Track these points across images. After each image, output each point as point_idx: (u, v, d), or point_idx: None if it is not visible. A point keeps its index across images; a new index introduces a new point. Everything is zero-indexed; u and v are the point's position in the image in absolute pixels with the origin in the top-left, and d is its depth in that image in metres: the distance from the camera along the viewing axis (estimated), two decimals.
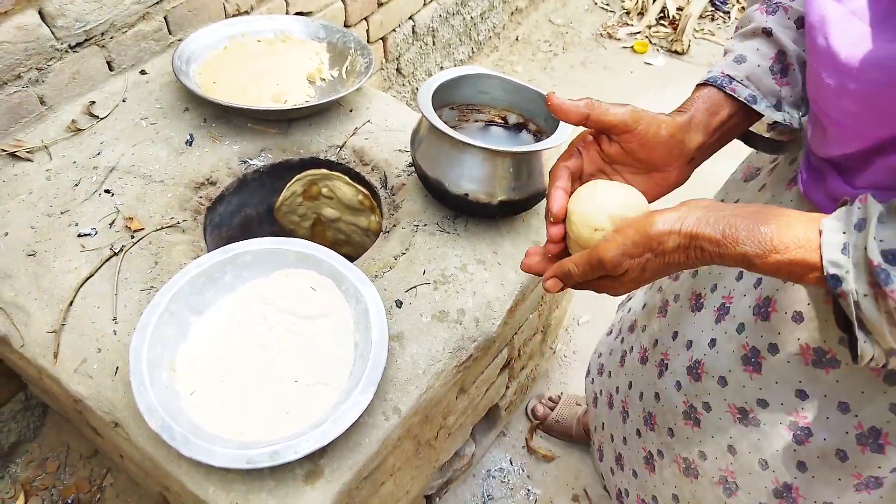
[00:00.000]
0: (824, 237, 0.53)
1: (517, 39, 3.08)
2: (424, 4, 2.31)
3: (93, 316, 1.02)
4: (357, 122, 1.37)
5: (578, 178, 0.71)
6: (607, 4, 3.40)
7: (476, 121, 1.29)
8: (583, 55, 3.09)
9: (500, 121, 1.28)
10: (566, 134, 1.07)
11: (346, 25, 1.97)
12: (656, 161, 0.68)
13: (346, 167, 1.32)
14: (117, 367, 0.97)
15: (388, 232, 1.19)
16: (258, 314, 1.00)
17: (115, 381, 0.96)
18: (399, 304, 1.06)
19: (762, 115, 0.72)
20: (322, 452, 0.90)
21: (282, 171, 1.33)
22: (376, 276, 1.10)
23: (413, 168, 1.26)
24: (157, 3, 1.39)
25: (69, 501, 1.41)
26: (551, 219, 0.66)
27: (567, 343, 1.89)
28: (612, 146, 0.68)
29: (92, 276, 1.06)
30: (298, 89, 1.40)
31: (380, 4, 2.07)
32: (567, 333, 1.91)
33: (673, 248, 0.58)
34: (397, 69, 2.34)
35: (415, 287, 1.08)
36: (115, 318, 1.01)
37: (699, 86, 0.73)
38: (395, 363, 0.99)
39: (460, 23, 2.59)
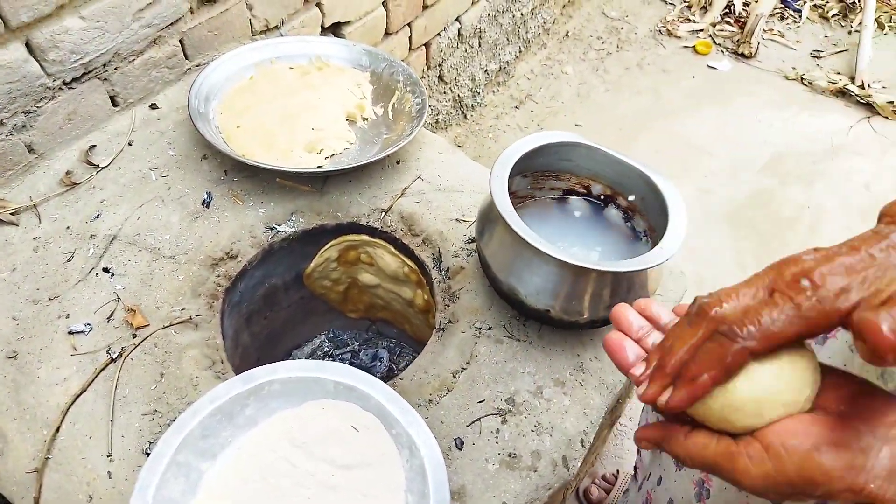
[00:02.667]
0: None
1: (567, 35, 2.81)
2: (473, 3, 2.06)
3: (83, 449, 0.82)
4: (406, 178, 1.15)
5: None
6: None
7: (552, 188, 1.06)
8: (639, 55, 2.81)
9: (581, 190, 1.06)
10: (680, 238, 0.85)
11: (387, 33, 1.73)
12: None
13: (392, 237, 1.10)
14: None
15: (444, 331, 0.98)
16: (285, 460, 0.80)
17: None
18: (460, 444, 0.85)
19: None
20: None
21: (314, 238, 1.11)
22: (431, 400, 0.89)
23: (474, 248, 1.04)
24: (172, 24, 1.17)
25: None
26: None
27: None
28: None
29: (84, 391, 0.86)
30: (337, 134, 1.18)
31: (425, 7, 1.82)
32: None
33: (824, 494, 0.42)
34: (439, 76, 2.10)
35: (479, 420, 0.87)
36: (109, 455, 0.82)
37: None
38: None
39: (510, 21, 2.33)
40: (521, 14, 2.38)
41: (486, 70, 2.35)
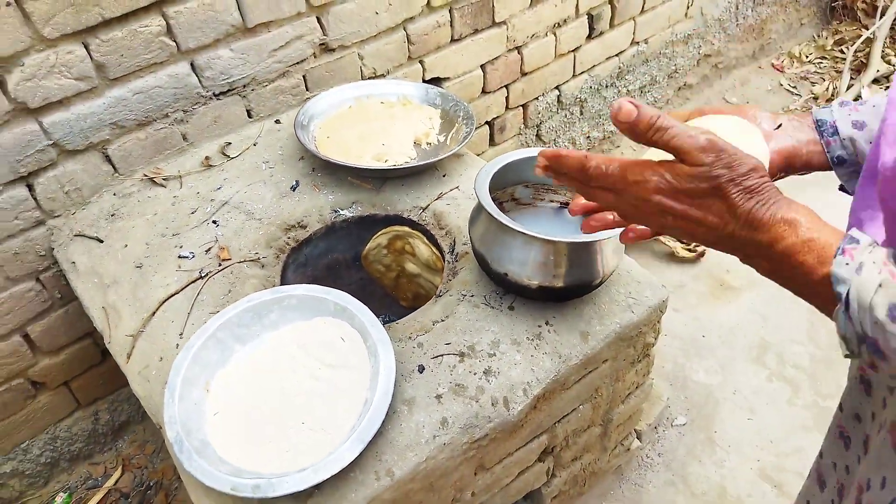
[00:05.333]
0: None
1: None
2: (574, 76, 2.34)
3: (166, 328, 1.17)
4: (446, 187, 1.44)
5: None
6: (794, 87, 3.16)
7: (551, 201, 1.29)
8: None
9: None
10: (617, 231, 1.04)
11: (484, 91, 2.06)
12: None
13: (425, 228, 1.38)
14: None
15: (440, 296, 1.23)
16: (291, 356, 1.09)
17: (164, 390, 1.09)
18: (421, 369, 1.09)
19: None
20: (308, 496, 0.95)
21: (368, 224, 1.43)
22: (410, 337, 1.14)
23: None
24: (298, 63, 1.58)
25: (152, 484, 1.60)
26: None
27: (653, 444, 1.77)
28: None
29: (177, 293, 1.22)
30: (401, 151, 1.50)
31: (523, 73, 2.14)
32: (655, 433, 1.79)
33: (746, 187, 0.55)
34: (537, 135, 2.38)
35: (441, 356, 1.10)
36: (181, 334, 1.16)
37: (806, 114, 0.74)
38: (399, 426, 1.02)
39: (614, 95, 2.57)
40: (628, 90, 2.62)
41: (588, 136, 2.59)
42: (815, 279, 0.54)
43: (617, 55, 2.44)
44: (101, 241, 1.34)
